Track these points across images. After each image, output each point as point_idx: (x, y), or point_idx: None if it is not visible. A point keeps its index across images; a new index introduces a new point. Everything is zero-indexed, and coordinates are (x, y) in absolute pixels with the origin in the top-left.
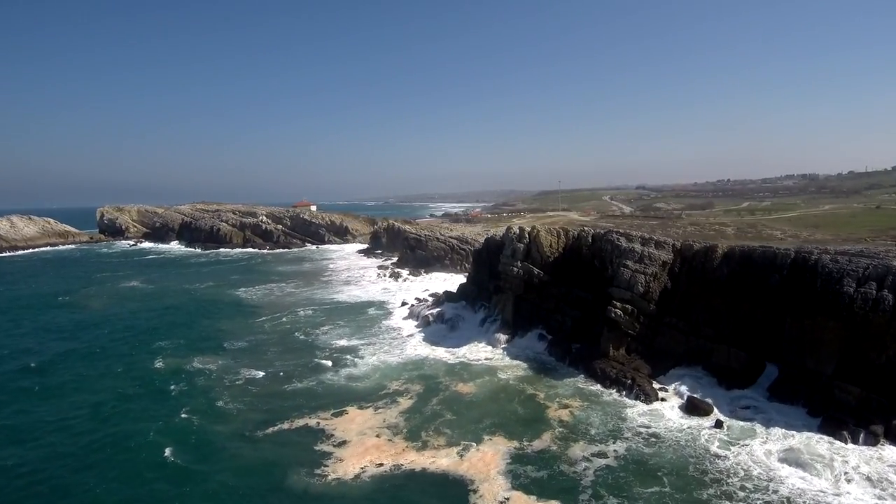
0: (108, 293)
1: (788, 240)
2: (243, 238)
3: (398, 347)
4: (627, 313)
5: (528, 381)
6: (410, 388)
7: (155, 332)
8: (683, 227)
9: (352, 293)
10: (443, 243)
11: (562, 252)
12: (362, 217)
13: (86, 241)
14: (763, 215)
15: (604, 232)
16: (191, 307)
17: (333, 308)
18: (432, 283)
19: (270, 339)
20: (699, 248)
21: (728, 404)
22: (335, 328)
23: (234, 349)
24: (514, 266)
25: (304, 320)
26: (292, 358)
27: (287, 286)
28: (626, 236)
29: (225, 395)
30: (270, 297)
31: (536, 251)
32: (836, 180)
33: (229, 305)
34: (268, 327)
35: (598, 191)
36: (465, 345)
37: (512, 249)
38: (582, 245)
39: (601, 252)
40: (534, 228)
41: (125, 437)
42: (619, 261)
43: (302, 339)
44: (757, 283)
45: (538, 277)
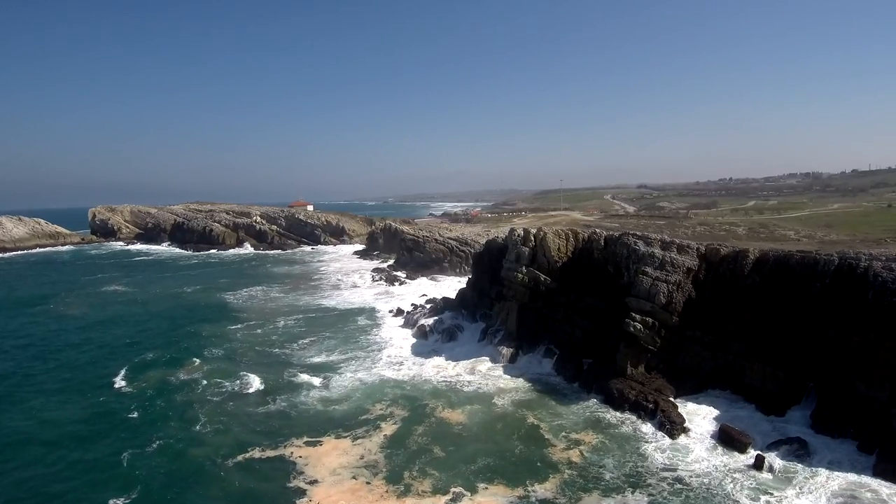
0: (88, 298)
1: (803, 240)
2: (236, 239)
3: (384, 364)
4: (647, 327)
5: (531, 406)
6: (395, 413)
7: (130, 341)
8: (692, 228)
9: (342, 298)
10: (441, 245)
11: (570, 256)
12: (360, 217)
13: (77, 242)
14: (772, 214)
15: (618, 234)
16: (172, 314)
17: (320, 316)
18: (430, 288)
19: (249, 352)
20: (727, 253)
21: (765, 435)
22: (318, 340)
23: (210, 362)
24: (518, 272)
25: (287, 330)
26: (270, 374)
27: (275, 291)
28: (643, 239)
29: (192, 419)
30: (256, 303)
31: (543, 255)
32: (840, 179)
33: (213, 312)
34: (248, 338)
35: (599, 190)
36: (463, 359)
37: (516, 254)
38: (593, 249)
39: (615, 257)
40: (540, 231)
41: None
42: (636, 267)
43: (281, 352)
44: (795, 292)
45: (545, 284)
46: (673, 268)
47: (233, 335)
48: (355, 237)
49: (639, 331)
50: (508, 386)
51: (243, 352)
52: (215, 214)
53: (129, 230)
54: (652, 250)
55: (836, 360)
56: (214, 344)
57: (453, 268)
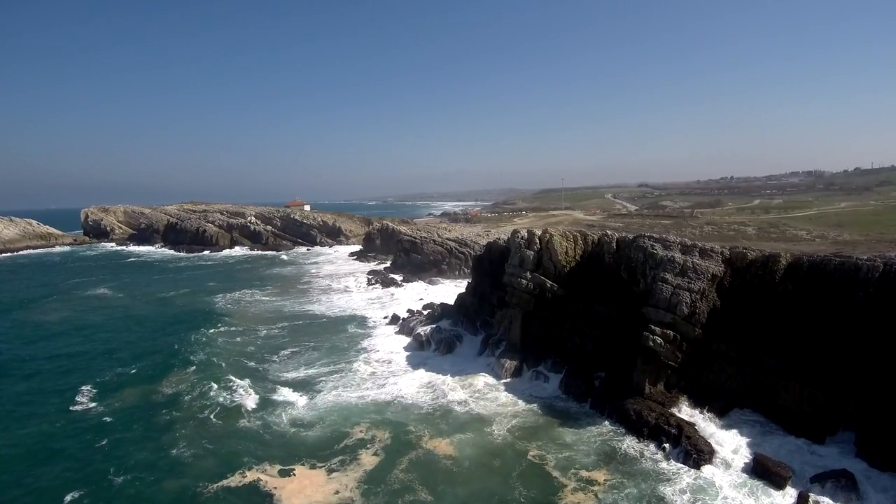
0: (71, 303)
1: (816, 240)
2: (230, 240)
3: (370, 380)
4: (668, 340)
5: (535, 435)
6: (377, 441)
7: (106, 351)
8: (699, 227)
9: (332, 304)
10: (440, 246)
11: (579, 260)
12: (357, 217)
13: (69, 243)
14: (779, 213)
15: (632, 237)
16: (155, 320)
17: (306, 324)
18: (428, 292)
19: (226, 363)
20: (756, 258)
21: (805, 466)
22: (301, 352)
23: (184, 376)
24: (522, 278)
25: (268, 341)
26: (244, 391)
27: (264, 294)
28: (661, 242)
29: (158, 446)
30: (242, 309)
31: (549, 260)
32: (843, 177)
33: (197, 318)
34: (228, 347)
35: (599, 189)
36: (461, 374)
37: (520, 258)
38: (604, 252)
39: (630, 261)
40: (545, 232)
41: None
42: (654, 273)
43: (258, 365)
44: (834, 302)
45: (551, 291)
46: (696, 274)
47: (213, 344)
48: (352, 238)
49: (658, 345)
50: (509, 408)
51: (220, 364)
52: (209, 215)
53: (122, 231)
54: (672, 255)
55: (884, 381)
56: (193, 354)
57: (452, 270)
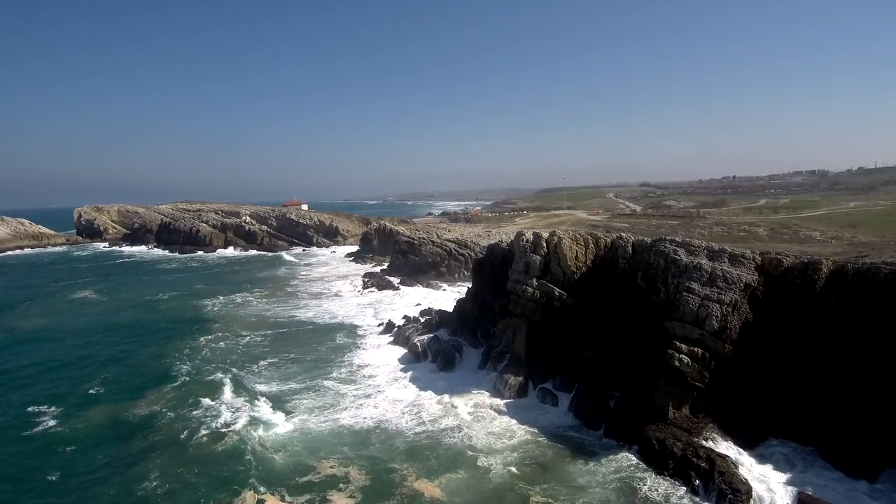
0: (52, 307)
1: (832, 242)
2: (224, 240)
3: (354, 399)
4: (696, 359)
5: (540, 473)
6: (350, 479)
7: (80, 362)
8: (708, 228)
9: (325, 309)
10: (439, 247)
11: (590, 266)
12: (355, 217)
13: (61, 243)
14: (788, 213)
15: (651, 240)
16: (137, 326)
17: (294, 332)
18: (425, 296)
19: (207, 376)
20: (793, 265)
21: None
22: (280, 364)
23: (161, 392)
24: (527, 285)
25: (248, 350)
26: (211, 409)
27: (254, 298)
28: (685, 247)
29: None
30: (229, 314)
31: (557, 265)
32: (848, 176)
33: (181, 325)
34: (208, 358)
35: (601, 188)
36: (459, 393)
37: (525, 263)
38: (618, 257)
39: (649, 268)
40: (553, 235)
41: None
42: (677, 282)
43: (233, 378)
44: (885, 316)
45: (560, 300)
46: (726, 284)
47: (192, 355)
48: (350, 238)
49: (686, 365)
50: (511, 437)
51: (198, 379)
52: (203, 214)
53: (115, 231)
54: (698, 261)
55: None
56: (170, 367)
57: (451, 273)
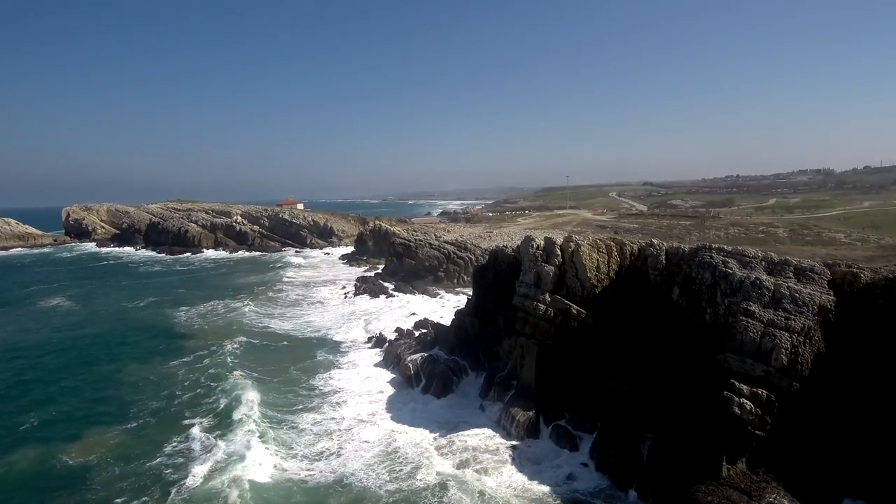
0: (14, 317)
1: (857, 244)
2: (214, 241)
3: (318, 439)
4: (759, 403)
5: None
6: None
7: (18, 387)
8: (724, 229)
9: (307, 319)
10: (436, 250)
11: (614, 279)
12: (352, 217)
13: (48, 244)
14: (802, 213)
15: (690, 248)
16: (102, 340)
17: (267, 347)
18: (422, 304)
19: (159, 412)
20: (872, 281)
21: None
22: (248, 386)
23: (102, 433)
24: (538, 301)
25: (218, 369)
26: (148, 448)
27: (236, 304)
28: (737, 257)
29: None
30: (205, 324)
31: (574, 277)
32: (854, 175)
33: (149, 339)
34: (168, 385)
35: (603, 187)
36: (455, 429)
37: (535, 274)
38: (648, 268)
39: (690, 282)
40: (569, 242)
41: None
42: (729, 302)
43: (179, 407)
44: None
45: (578, 319)
46: (795, 306)
47: (150, 381)
48: (345, 239)
49: (748, 412)
50: (518, 499)
51: (148, 418)
52: (193, 214)
53: (104, 231)
54: (756, 276)
55: None
56: (122, 397)
57: (450, 278)
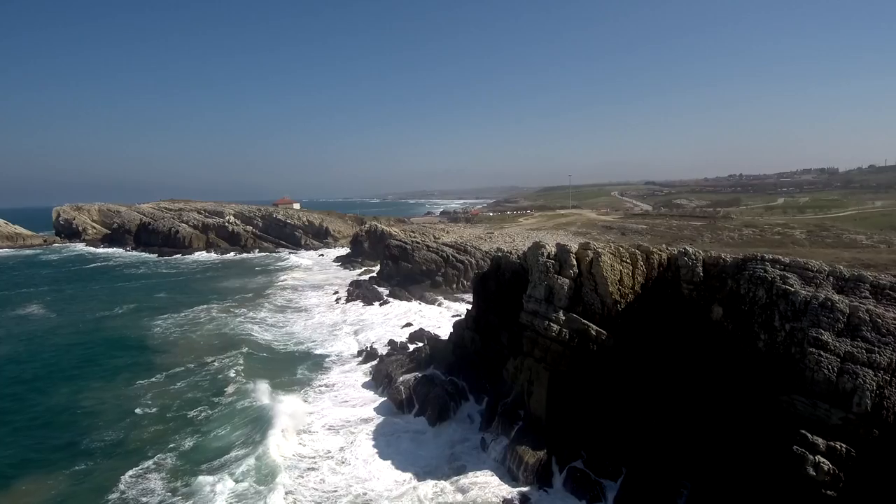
0: None
1: (881, 247)
2: (206, 242)
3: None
4: (838, 460)
5: None
6: None
7: None
8: (738, 230)
9: (292, 329)
10: (434, 253)
11: (640, 293)
12: (349, 217)
13: (37, 244)
14: (815, 213)
15: (740, 259)
16: (65, 358)
17: (245, 361)
18: (418, 312)
19: (114, 449)
20: None
21: None
22: (204, 422)
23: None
24: (550, 320)
25: (180, 392)
26: (105, 493)
27: (219, 312)
28: (797, 271)
29: None
30: (182, 335)
31: (594, 292)
32: (859, 174)
33: (120, 353)
34: (130, 408)
35: (604, 186)
36: (449, 473)
37: (547, 288)
38: (682, 281)
39: (738, 300)
40: (586, 249)
41: None
42: (792, 327)
43: (134, 443)
44: None
45: (597, 341)
46: (878, 334)
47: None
48: (341, 239)
49: (824, 472)
50: None
51: (94, 438)
52: (184, 214)
53: (95, 231)
54: (825, 296)
55: None
56: (67, 429)
57: (449, 283)
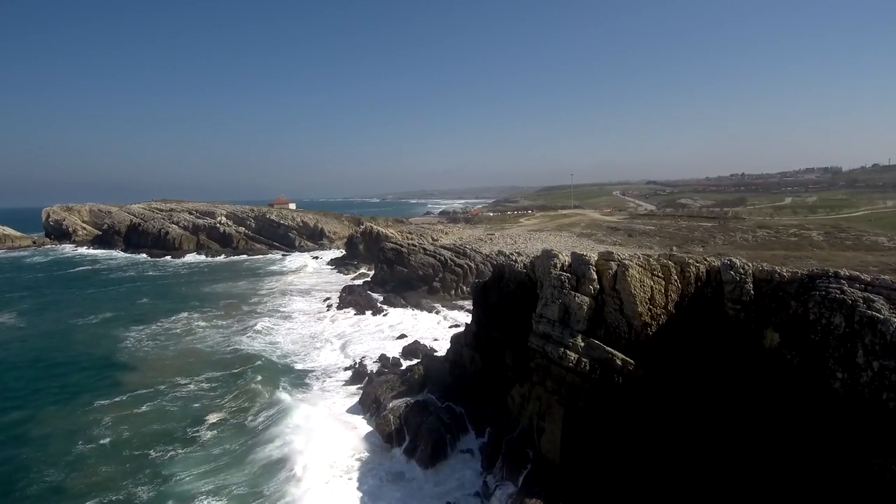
0: None
1: None
2: (196, 243)
3: None
4: None
5: None
6: None
7: None
8: (751, 232)
9: (274, 339)
10: (432, 256)
11: (673, 313)
12: (346, 217)
13: (26, 246)
14: (827, 214)
15: (806, 275)
16: (23, 375)
17: (219, 377)
18: (413, 322)
19: (60, 472)
20: None
21: None
22: (175, 464)
23: None
24: (566, 347)
25: (146, 414)
26: None
27: (200, 321)
28: (884, 292)
29: None
30: (153, 348)
31: (619, 312)
32: (863, 173)
33: (85, 370)
34: (102, 424)
35: (605, 186)
36: None
37: (562, 307)
38: (726, 300)
39: (804, 326)
40: (609, 261)
41: None
42: (882, 367)
43: (88, 490)
44: None
45: (623, 372)
46: None
47: (64, 427)
48: (337, 241)
49: None
50: None
51: (36, 477)
52: (175, 214)
53: (85, 232)
54: None
55: None
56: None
57: (447, 289)
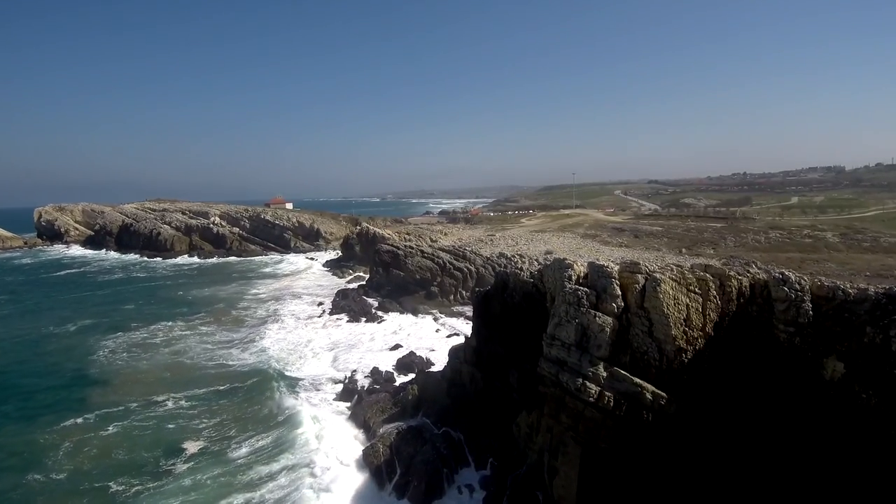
0: None
1: None
2: (189, 244)
3: None
4: None
5: None
6: None
7: None
8: (763, 233)
9: (260, 349)
10: (430, 259)
11: (712, 334)
12: (343, 217)
13: (18, 246)
14: (836, 213)
15: (879, 294)
16: None
17: (196, 396)
18: (409, 331)
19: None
20: None
21: None
22: (133, 495)
23: None
24: (585, 377)
25: (111, 436)
26: None
27: (183, 330)
28: None
29: None
30: (133, 358)
31: (647, 335)
32: (868, 172)
33: (54, 382)
34: (63, 450)
35: (606, 185)
36: None
37: (580, 327)
38: (776, 320)
39: (875, 356)
40: (635, 273)
41: None
42: None
43: None
44: None
45: (653, 407)
46: None
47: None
48: (333, 241)
49: None
50: None
51: None
52: (167, 215)
53: (77, 233)
54: None
55: None
56: None
57: (445, 294)
